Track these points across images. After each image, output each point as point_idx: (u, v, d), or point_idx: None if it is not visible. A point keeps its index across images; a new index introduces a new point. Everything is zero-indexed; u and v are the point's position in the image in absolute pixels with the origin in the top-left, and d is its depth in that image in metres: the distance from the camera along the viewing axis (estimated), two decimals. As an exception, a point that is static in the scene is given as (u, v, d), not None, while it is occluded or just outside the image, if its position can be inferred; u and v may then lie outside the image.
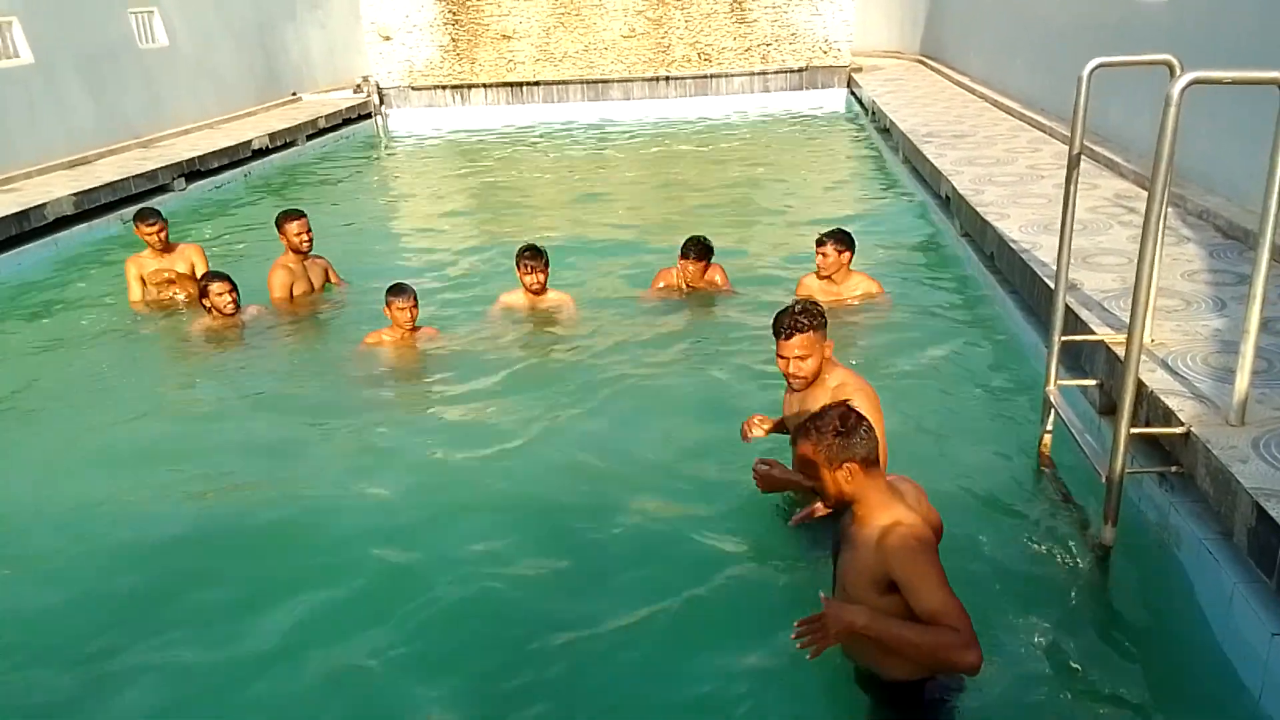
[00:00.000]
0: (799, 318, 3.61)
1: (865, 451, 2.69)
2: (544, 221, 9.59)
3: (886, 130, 12.27)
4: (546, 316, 6.58)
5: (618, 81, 17.20)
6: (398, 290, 6.01)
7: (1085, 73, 3.88)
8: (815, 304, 3.75)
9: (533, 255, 6.44)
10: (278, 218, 7.18)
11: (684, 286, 6.74)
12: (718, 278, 6.80)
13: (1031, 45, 11.85)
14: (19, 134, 10.60)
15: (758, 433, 3.98)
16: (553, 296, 6.66)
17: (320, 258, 7.35)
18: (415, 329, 6.14)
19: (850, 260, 6.25)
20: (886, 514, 2.69)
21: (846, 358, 5.71)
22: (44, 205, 9.00)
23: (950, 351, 5.65)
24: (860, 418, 2.74)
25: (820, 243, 6.21)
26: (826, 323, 3.70)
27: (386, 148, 15.58)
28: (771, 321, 3.72)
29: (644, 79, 17.18)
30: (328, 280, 7.32)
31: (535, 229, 8.85)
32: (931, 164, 9.01)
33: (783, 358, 3.66)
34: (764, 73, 17.14)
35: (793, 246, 8.17)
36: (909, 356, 5.57)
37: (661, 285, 6.86)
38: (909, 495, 2.82)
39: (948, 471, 4.10)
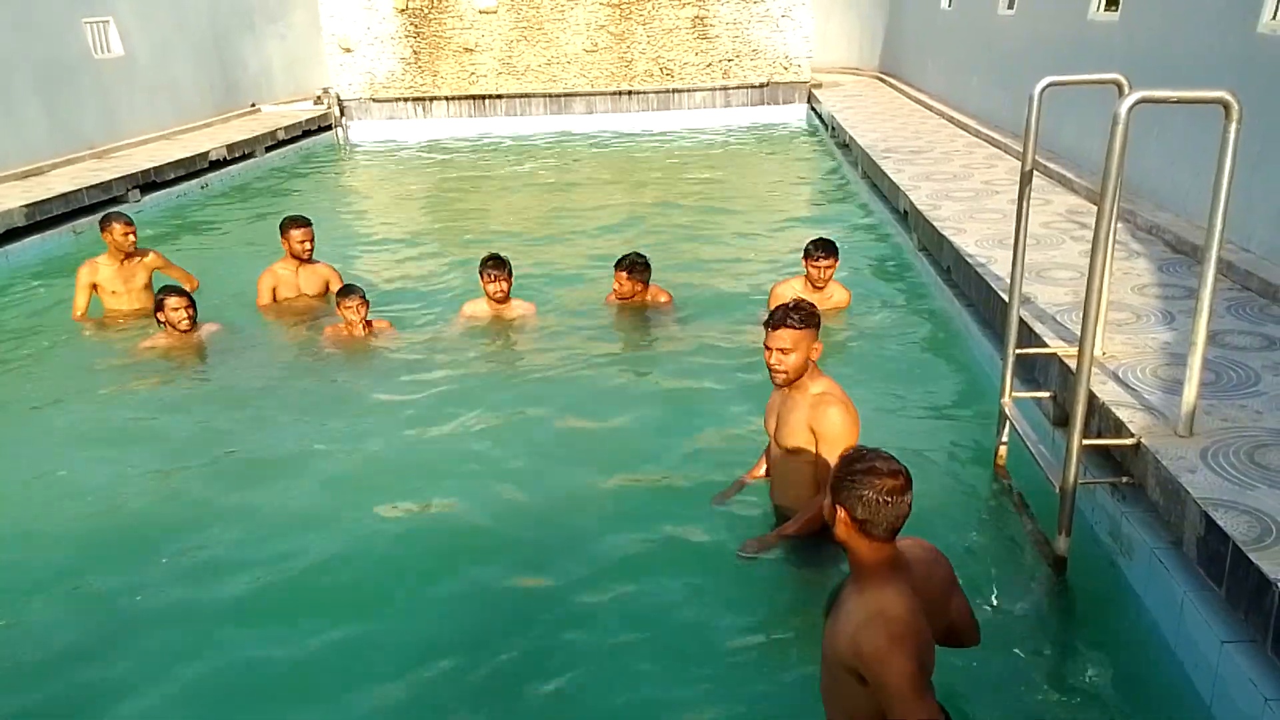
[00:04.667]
0: (791, 313, 3.70)
1: (864, 513, 2.42)
2: (506, 233, 9.57)
3: (846, 145, 12.41)
4: (510, 325, 6.63)
5: (580, 95, 17.23)
6: (346, 291, 6.34)
7: (1036, 91, 3.96)
8: (811, 306, 3.81)
9: (496, 264, 6.49)
10: (282, 222, 7.19)
11: (626, 300, 6.70)
12: (662, 298, 6.76)
13: (987, 63, 12.07)
14: (-33, 144, 10.38)
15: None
16: (516, 305, 6.69)
17: (325, 265, 7.31)
18: (369, 324, 6.37)
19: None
20: (873, 596, 2.43)
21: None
22: (-7, 216, 8.81)
23: (908, 363, 5.72)
24: (890, 484, 2.42)
25: (815, 255, 6.17)
26: (818, 326, 3.76)
27: (347, 159, 15.46)
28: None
29: (607, 93, 17.22)
30: (328, 289, 7.20)
31: (497, 240, 8.84)
32: (890, 179, 9.12)
33: (768, 348, 3.73)
34: (725, 88, 17.26)
35: (753, 258, 8.25)
36: (868, 367, 5.64)
37: (611, 300, 6.83)
38: (918, 567, 2.56)
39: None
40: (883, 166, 9.64)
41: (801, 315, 3.71)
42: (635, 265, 6.54)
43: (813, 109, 16.59)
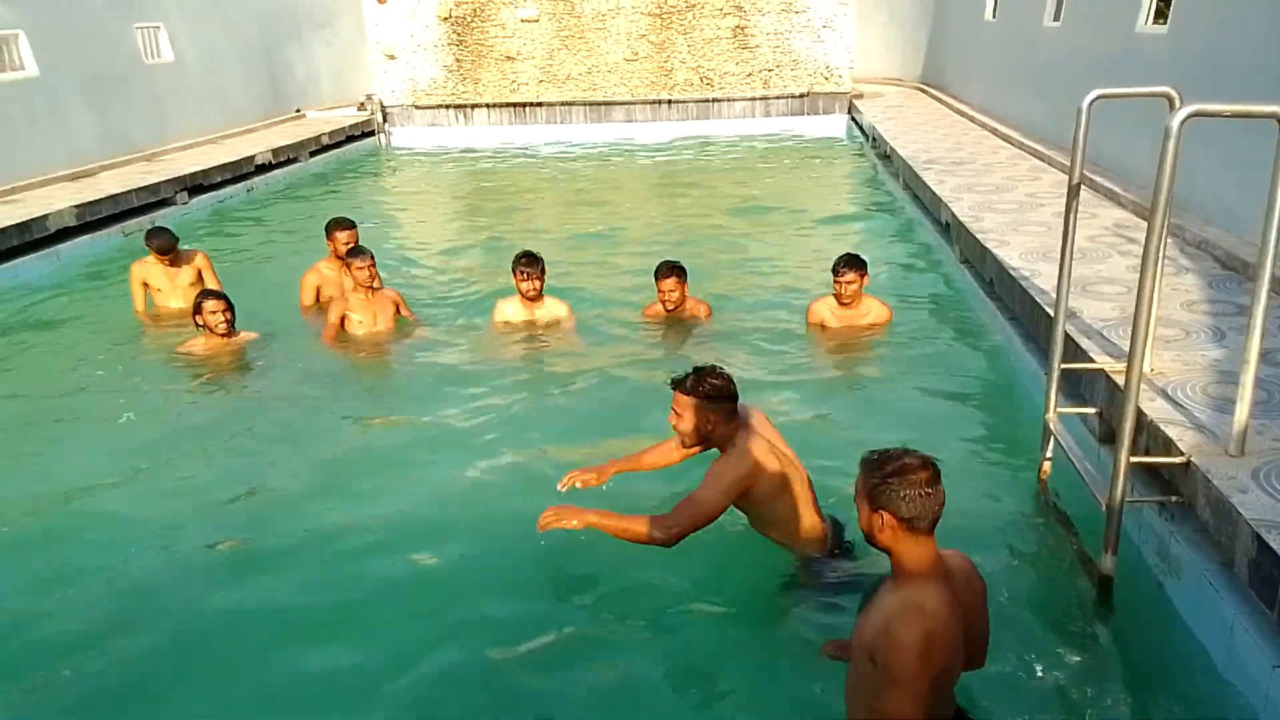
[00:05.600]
0: (688, 378, 3.53)
1: (910, 511, 2.42)
2: (542, 240, 9.60)
3: (887, 156, 12.34)
4: (543, 323, 6.64)
5: (620, 104, 17.30)
6: (355, 252, 6.62)
7: (1085, 104, 3.91)
8: (716, 377, 3.54)
9: (528, 262, 6.51)
10: (328, 224, 7.27)
11: (664, 312, 6.69)
12: (701, 311, 6.74)
13: (1030, 74, 11.95)
14: (22, 146, 10.63)
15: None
16: (549, 303, 6.70)
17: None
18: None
19: (865, 284, 6.26)
20: (913, 591, 2.43)
21: (852, 386, 5.77)
22: (45, 216, 9.01)
23: (949, 378, 5.66)
24: (926, 476, 2.44)
25: (839, 271, 6.13)
26: (725, 400, 3.52)
27: (389, 165, 15.64)
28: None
29: (646, 102, 17.28)
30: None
31: (533, 247, 8.87)
32: (931, 190, 9.05)
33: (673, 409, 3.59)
34: (765, 98, 17.24)
35: (791, 271, 8.20)
36: (908, 382, 5.59)
37: (650, 313, 6.81)
38: (959, 575, 2.55)
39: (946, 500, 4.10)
40: (924, 178, 9.56)
41: (696, 383, 3.51)
42: (676, 268, 6.52)
43: (853, 120, 16.52)
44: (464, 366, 6.16)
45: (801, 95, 17.20)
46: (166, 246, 7.22)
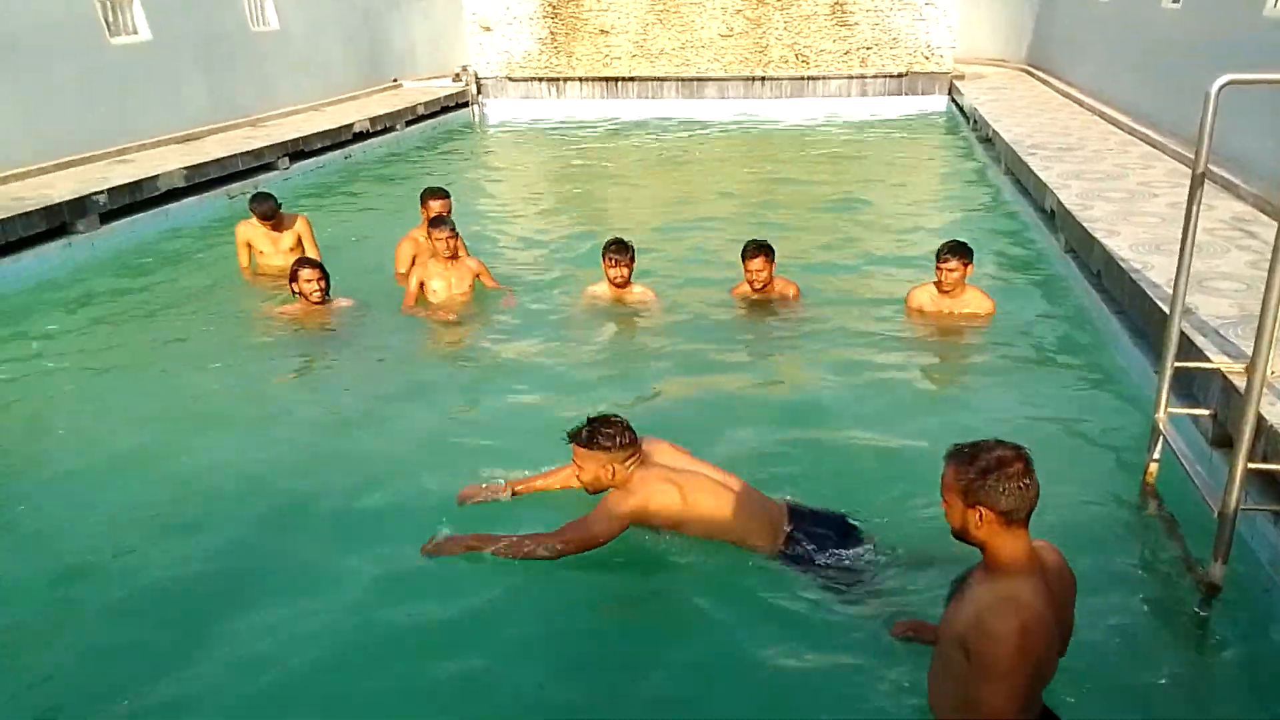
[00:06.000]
0: (583, 431, 3.56)
1: (1009, 504, 2.38)
2: (632, 217, 9.61)
3: (989, 140, 11.95)
4: (629, 310, 6.62)
5: (714, 80, 17.12)
6: (437, 222, 6.74)
7: (1214, 89, 3.68)
8: (610, 426, 3.57)
9: (618, 249, 6.49)
10: (423, 193, 7.38)
11: (751, 292, 6.61)
12: (790, 292, 6.64)
13: (1145, 57, 11.41)
14: (136, 109, 11.03)
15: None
16: (636, 291, 6.69)
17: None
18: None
19: (969, 274, 6.07)
20: (1009, 584, 2.40)
21: (950, 376, 5.64)
22: (157, 177, 9.35)
23: (1051, 372, 5.48)
24: (1022, 468, 2.40)
25: (943, 257, 5.96)
26: (615, 449, 3.54)
27: (481, 136, 15.80)
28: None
29: (740, 78, 17.07)
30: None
31: (623, 223, 8.88)
32: (1036, 176, 8.74)
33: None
34: (863, 76, 16.87)
35: (886, 255, 8.03)
36: (1009, 376, 5.42)
37: (738, 293, 6.75)
38: (1052, 570, 2.50)
39: (1046, 498, 3.94)
40: (1029, 163, 9.23)
41: (588, 436, 3.53)
42: (764, 248, 6.43)
43: (953, 101, 16.05)
44: (546, 341, 6.19)
45: (900, 75, 16.78)
46: (269, 212, 7.43)
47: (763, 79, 17.04)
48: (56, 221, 8.07)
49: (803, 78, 16.98)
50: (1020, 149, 9.94)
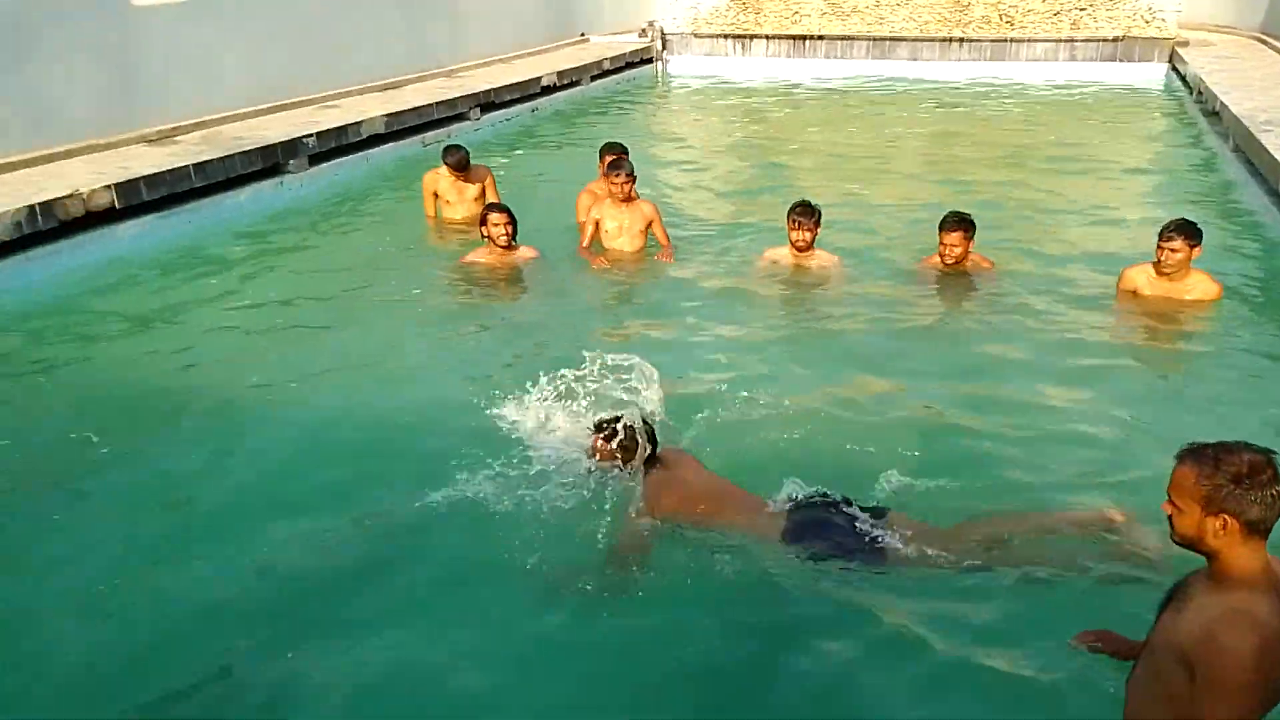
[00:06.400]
0: (610, 425, 3.81)
1: (1258, 514, 2.18)
2: (815, 180, 9.34)
3: (1215, 114, 10.91)
4: (810, 277, 6.47)
5: (907, 40, 16.39)
6: (616, 165, 6.80)
7: None
8: (631, 440, 3.76)
9: (803, 211, 6.35)
10: (602, 148, 7.52)
11: (942, 265, 6.30)
12: (984, 265, 6.29)
13: None
14: (342, 56, 11.58)
15: None
16: (819, 255, 6.51)
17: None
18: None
19: (1194, 256, 5.56)
20: (1243, 597, 2.20)
21: (1163, 361, 5.24)
22: (360, 123, 9.81)
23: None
24: (1272, 474, 2.18)
25: (1166, 236, 5.46)
26: (634, 451, 3.76)
27: (663, 93, 15.76)
28: None
29: (935, 39, 16.27)
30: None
31: (803, 187, 8.64)
32: (1271, 155, 7.90)
33: None
34: (1071, 40, 15.74)
35: (1091, 233, 7.48)
36: (1233, 366, 4.98)
37: (928, 264, 6.45)
38: None
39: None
40: (1262, 140, 8.36)
41: (611, 434, 3.76)
42: (964, 221, 6.11)
43: (1175, 70, 14.74)
44: (720, 304, 6.13)
45: (1115, 39, 15.55)
46: (461, 163, 7.67)
47: (960, 40, 16.17)
48: (271, 161, 8.61)
49: (1005, 39, 16.00)
50: (1253, 125, 9.01)
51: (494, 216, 6.66)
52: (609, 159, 7.28)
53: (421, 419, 4.57)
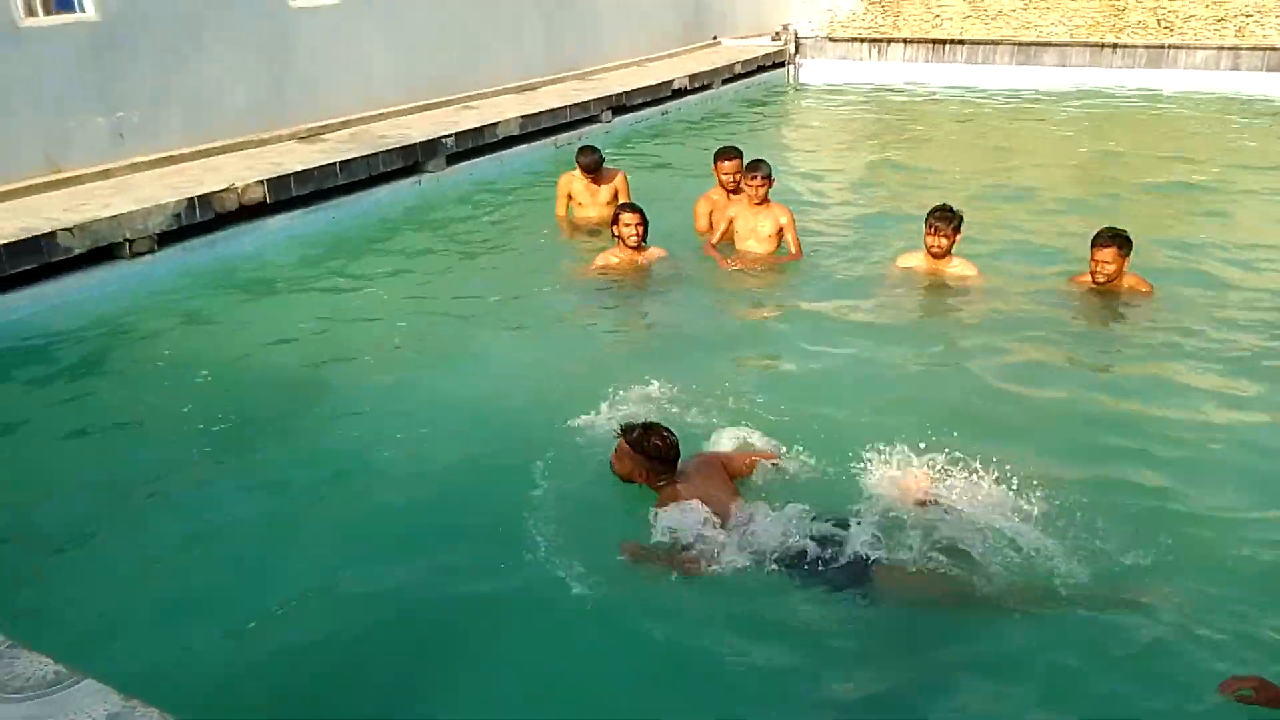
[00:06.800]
0: (636, 430, 3.78)
1: None
2: (950, 190, 8.99)
3: (1401, 128, 10.02)
4: (945, 286, 6.26)
5: (1054, 45, 15.67)
6: (752, 166, 6.79)
7: None
8: (660, 439, 3.75)
9: (941, 216, 6.19)
10: (716, 152, 7.50)
11: (1092, 284, 5.96)
12: (1142, 288, 5.92)
13: None
14: (483, 58, 11.86)
15: None
16: (956, 265, 6.29)
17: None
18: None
19: None
20: None
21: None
22: (496, 124, 10.02)
23: None
24: None
25: None
26: (654, 459, 3.76)
27: (795, 98, 15.54)
28: None
29: (1085, 44, 15.49)
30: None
31: (940, 196, 8.32)
32: None
33: None
34: (1236, 48, 14.73)
35: (1267, 259, 6.93)
36: None
37: (1077, 282, 6.13)
38: None
39: None
40: None
41: (639, 438, 3.77)
42: (1119, 237, 5.79)
43: (1354, 80, 13.64)
44: (850, 311, 6.03)
45: (1286, 47, 14.48)
46: (593, 165, 7.75)
47: (1114, 46, 15.35)
48: (411, 160, 8.89)
49: (1162, 46, 15.10)
50: None
51: (626, 216, 6.69)
52: (724, 164, 7.28)
53: (538, 415, 4.63)
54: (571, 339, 5.75)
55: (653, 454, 3.74)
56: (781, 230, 6.89)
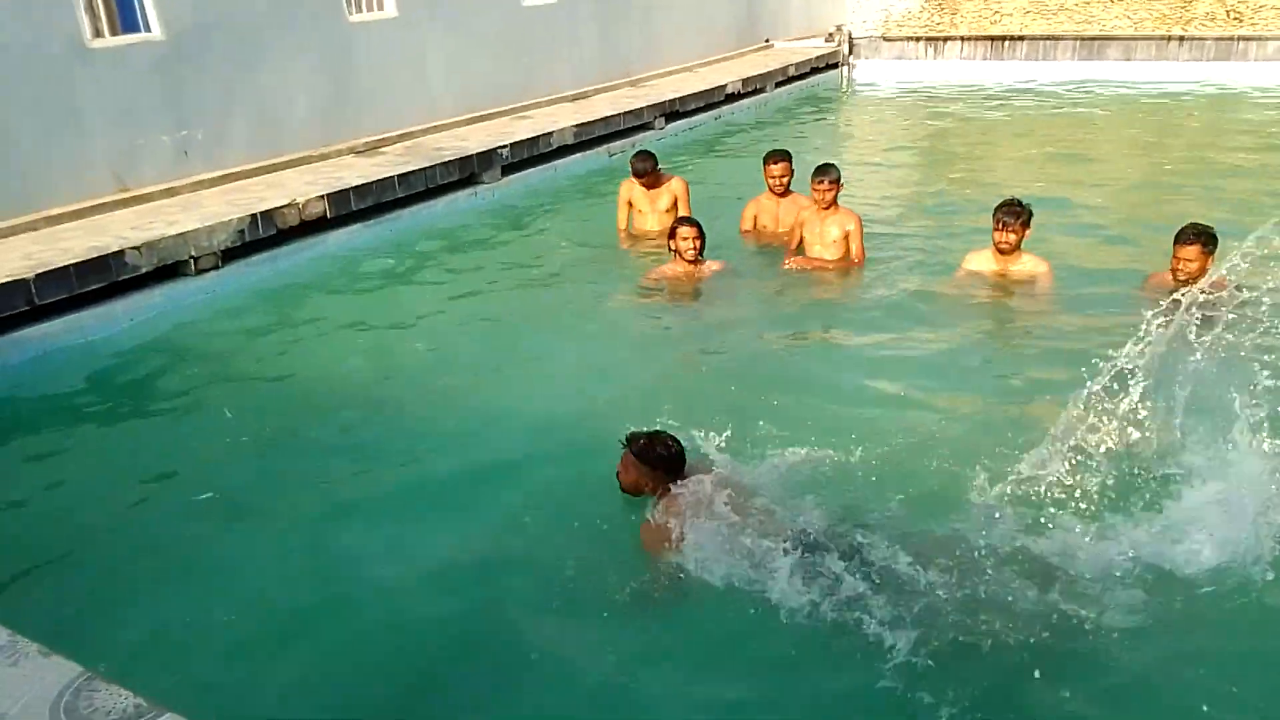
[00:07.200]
0: (641, 439, 3.74)
1: None
2: (1011, 189, 8.76)
3: None
4: (1015, 284, 6.08)
5: (1118, 39, 15.26)
6: (820, 171, 6.71)
7: None
8: (665, 447, 3.73)
9: (1009, 210, 6.01)
10: (765, 155, 7.46)
11: (1172, 283, 5.72)
12: (1222, 291, 5.65)
13: None
14: (538, 67, 11.87)
15: None
16: (1026, 260, 6.12)
17: (804, 198, 7.30)
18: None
19: None
20: None
21: None
22: (550, 133, 10.01)
23: None
24: None
25: None
26: (658, 466, 3.72)
27: (849, 99, 15.33)
28: None
29: (1151, 38, 15.07)
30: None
31: (1001, 195, 8.15)
32: None
33: None
34: (1312, 37, 14.21)
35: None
36: None
37: (1156, 282, 5.91)
38: None
39: None
40: None
41: (644, 447, 3.72)
42: (1204, 234, 5.56)
43: None
44: (915, 316, 5.89)
45: (1366, 35, 13.93)
46: (642, 171, 7.66)
47: (1180, 39, 14.90)
48: (468, 171, 8.92)
49: (1232, 38, 14.62)
50: None
51: (683, 230, 6.59)
52: (772, 166, 7.31)
53: (592, 431, 4.52)
54: (628, 355, 5.65)
55: (658, 463, 3.73)
56: (848, 236, 6.76)
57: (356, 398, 5.20)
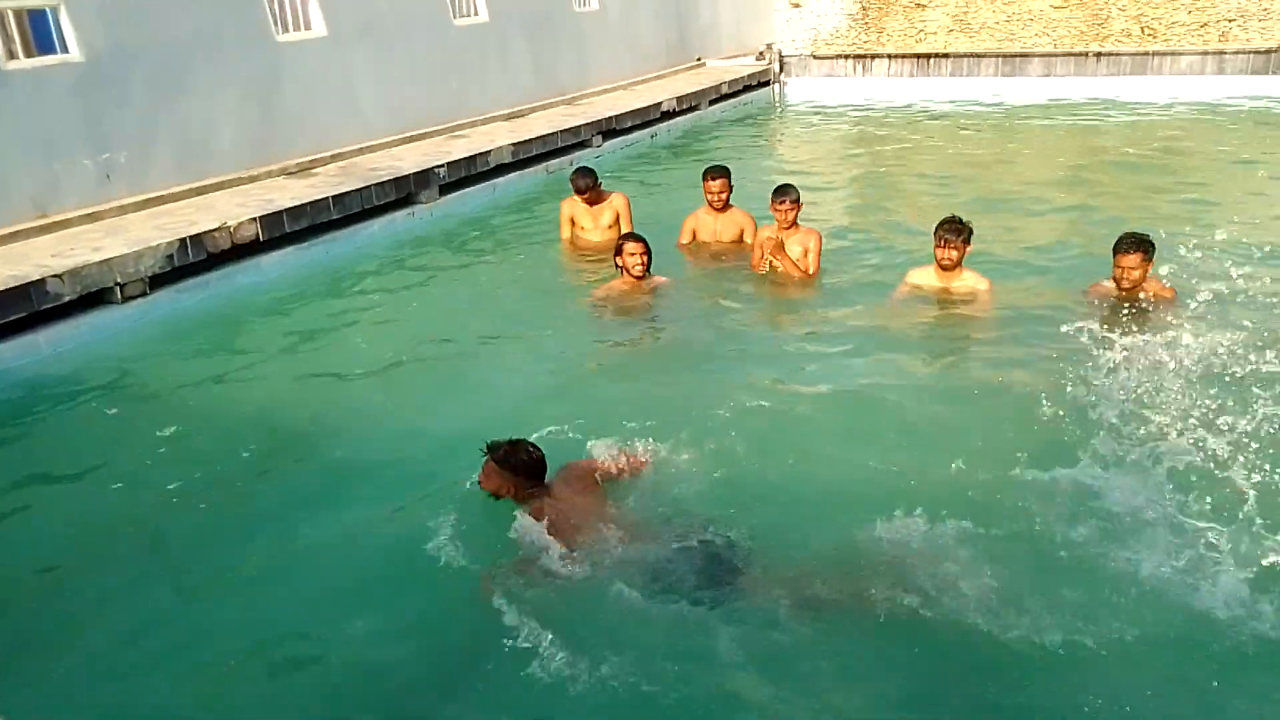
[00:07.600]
0: (503, 447, 3.88)
1: None
2: (945, 203, 8.94)
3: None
4: (956, 300, 6.16)
5: (1038, 56, 15.75)
6: (779, 192, 6.75)
7: None
8: (526, 454, 3.87)
9: (951, 228, 6.10)
10: (704, 171, 7.56)
11: (1117, 291, 5.87)
12: (1167, 296, 5.84)
13: None
14: (472, 86, 11.77)
15: None
16: (967, 276, 6.21)
17: (741, 213, 7.58)
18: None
19: None
20: None
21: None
22: (489, 152, 9.91)
23: None
24: None
25: None
26: (519, 473, 3.86)
27: (780, 116, 15.53)
28: None
29: (1069, 54, 15.58)
30: (743, 237, 7.54)
31: (934, 211, 8.29)
32: None
33: None
34: (1221, 53, 14.84)
35: (1256, 269, 6.86)
36: None
37: (1098, 291, 6.06)
38: None
39: None
40: None
41: (506, 454, 3.84)
42: (1143, 243, 5.71)
43: (1338, 81, 13.73)
44: (859, 331, 5.94)
45: (1269, 51, 14.59)
46: (584, 187, 7.65)
47: (1097, 55, 15.44)
48: (404, 192, 8.76)
49: (1146, 53, 15.21)
50: None
51: (630, 246, 6.56)
52: (710, 182, 7.43)
53: (544, 446, 4.47)
54: (579, 373, 5.59)
55: (519, 469, 3.85)
56: (807, 253, 6.80)
57: (292, 427, 5.01)
